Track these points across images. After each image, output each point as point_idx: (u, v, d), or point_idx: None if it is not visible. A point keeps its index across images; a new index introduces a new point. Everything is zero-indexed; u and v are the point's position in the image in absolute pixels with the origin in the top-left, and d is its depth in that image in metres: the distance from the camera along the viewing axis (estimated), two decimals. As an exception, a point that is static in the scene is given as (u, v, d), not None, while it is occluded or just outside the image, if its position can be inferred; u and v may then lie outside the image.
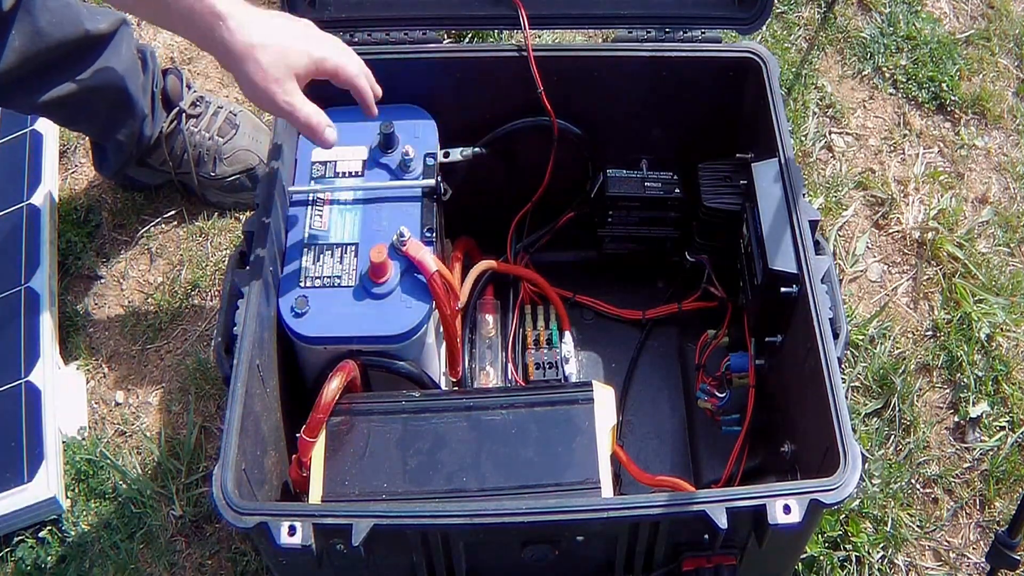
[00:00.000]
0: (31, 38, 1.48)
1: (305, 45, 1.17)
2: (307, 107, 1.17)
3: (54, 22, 1.49)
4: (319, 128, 1.18)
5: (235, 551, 1.49)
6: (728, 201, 1.40)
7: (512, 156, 1.49)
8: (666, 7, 1.41)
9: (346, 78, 1.20)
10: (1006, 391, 1.61)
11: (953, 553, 1.49)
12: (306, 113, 1.17)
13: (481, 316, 1.53)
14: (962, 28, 2.06)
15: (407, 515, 1.03)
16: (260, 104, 1.17)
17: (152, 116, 1.71)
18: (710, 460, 1.46)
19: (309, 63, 1.16)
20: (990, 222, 1.80)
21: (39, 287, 1.67)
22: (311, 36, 1.19)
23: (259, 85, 1.14)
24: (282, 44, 1.14)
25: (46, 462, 1.50)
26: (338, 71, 1.20)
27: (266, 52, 1.13)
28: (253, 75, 1.13)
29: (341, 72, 1.20)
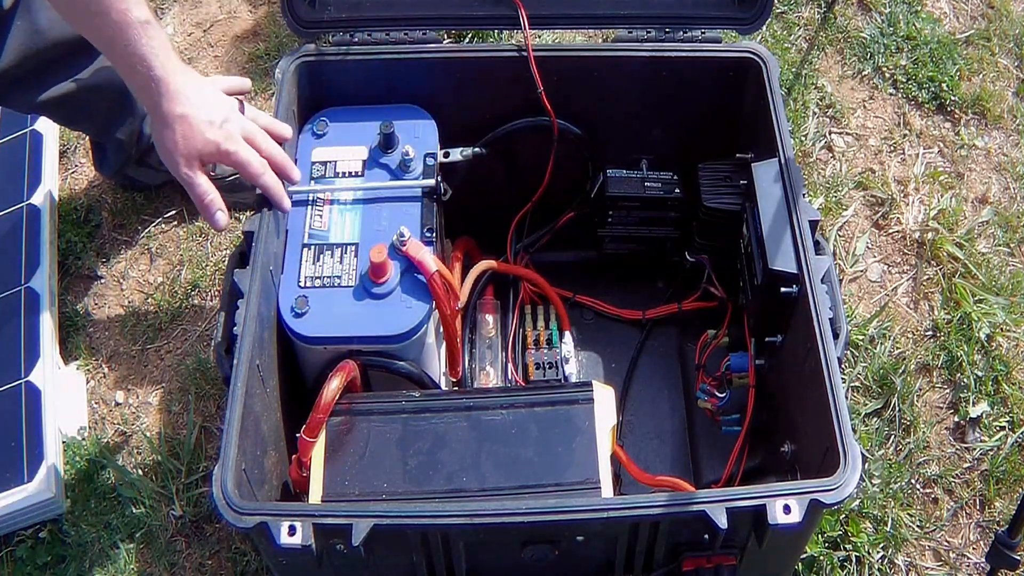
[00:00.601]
0: (30, 37, 1.48)
1: (217, 135, 1.22)
2: (202, 186, 1.24)
3: (54, 20, 1.49)
4: (209, 209, 1.25)
5: (235, 551, 1.49)
6: (728, 201, 1.40)
7: (512, 156, 1.49)
8: (666, 7, 1.41)
9: (248, 176, 1.27)
10: (1006, 391, 1.61)
11: (953, 553, 1.49)
12: (200, 192, 1.24)
13: (481, 316, 1.53)
14: (962, 28, 2.06)
15: (407, 515, 1.03)
16: (166, 164, 1.24)
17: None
18: (710, 460, 1.46)
19: (215, 153, 1.23)
20: (990, 222, 1.80)
21: (39, 287, 1.66)
22: (229, 123, 1.24)
23: (168, 152, 1.22)
24: (199, 126, 1.21)
25: (46, 462, 1.50)
26: (241, 168, 1.26)
27: (183, 127, 1.21)
28: (167, 141, 1.21)
29: (243, 170, 1.26)
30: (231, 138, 1.24)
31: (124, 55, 1.19)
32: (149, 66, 1.19)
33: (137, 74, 1.20)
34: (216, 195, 1.25)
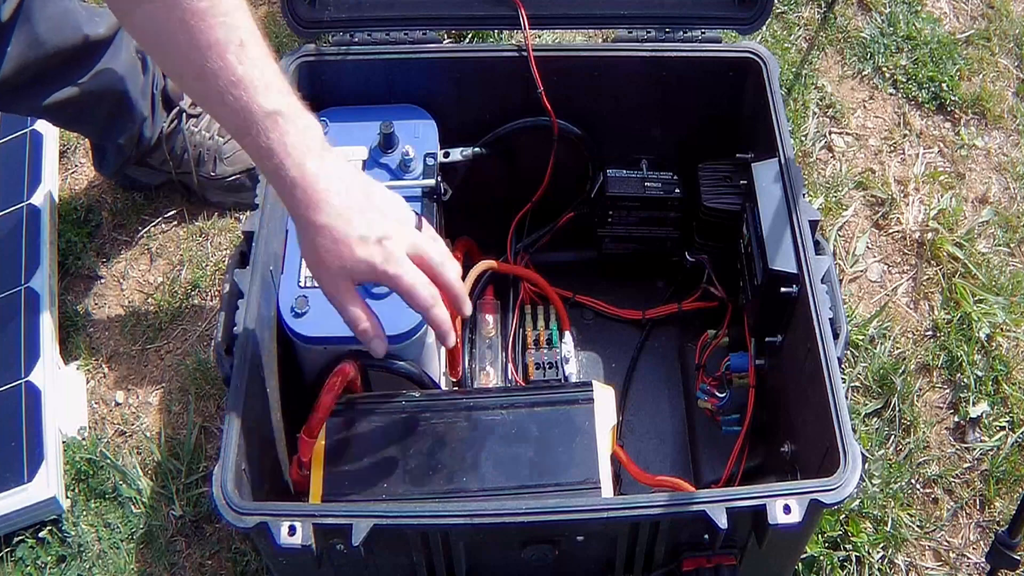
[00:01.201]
0: (29, 46, 1.48)
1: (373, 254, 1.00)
2: (352, 313, 1.04)
3: (53, 29, 1.49)
4: (364, 337, 1.06)
5: (235, 551, 1.49)
6: (728, 201, 1.40)
7: (512, 156, 1.49)
8: (666, 7, 1.41)
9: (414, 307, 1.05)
10: (1006, 391, 1.61)
11: (953, 553, 1.49)
12: (350, 319, 1.05)
13: (481, 316, 1.53)
14: (962, 28, 2.06)
15: (407, 515, 1.03)
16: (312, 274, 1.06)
17: (152, 118, 1.71)
18: (710, 460, 1.46)
19: (369, 273, 1.02)
20: (990, 222, 1.80)
21: (39, 287, 1.66)
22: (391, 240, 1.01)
23: (310, 264, 1.04)
24: (347, 241, 1.00)
25: (46, 462, 1.50)
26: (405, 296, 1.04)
27: (326, 239, 1.00)
28: (306, 252, 1.03)
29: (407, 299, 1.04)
30: (391, 258, 1.01)
31: (251, 146, 0.99)
32: (280, 163, 0.98)
33: (266, 168, 1.00)
34: (371, 323, 1.05)
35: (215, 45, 0.95)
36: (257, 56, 0.97)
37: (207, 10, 0.95)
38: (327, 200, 0.99)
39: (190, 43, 0.95)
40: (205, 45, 0.95)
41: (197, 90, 1.00)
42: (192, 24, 0.95)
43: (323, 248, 1.00)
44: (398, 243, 1.02)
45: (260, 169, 1.02)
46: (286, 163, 0.98)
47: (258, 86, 0.97)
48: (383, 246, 1.01)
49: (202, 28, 0.95)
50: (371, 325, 1.05)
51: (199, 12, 0.95)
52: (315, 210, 0.99)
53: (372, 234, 1.00)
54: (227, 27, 0.96)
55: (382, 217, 1.02)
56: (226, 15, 0.96)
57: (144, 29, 0.99)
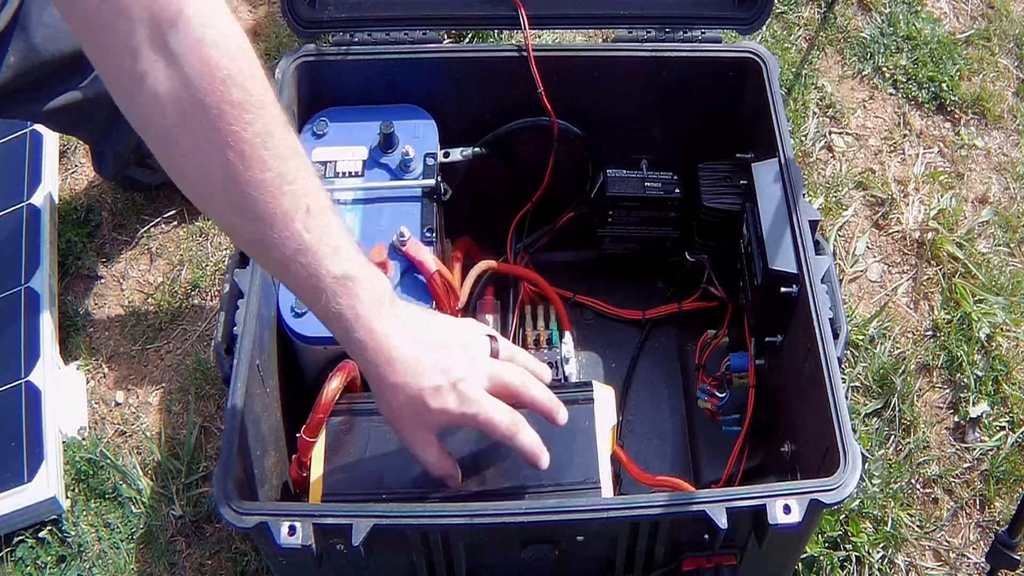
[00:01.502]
0: (26, 55, 1.47)
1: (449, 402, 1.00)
2: (430, 462, 1.05)
3: (50, 36, 1.48)
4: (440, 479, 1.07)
5: (235, 551, 1.49)
6: (728, 201, 1.40)
7: (512, 156, 1.49)
8: (666, 7, 1.41)
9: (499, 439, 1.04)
10: (1006, 391, 1.61)
11: (953, 553, 1.49)
12: (430, 467, 1.05)
13: (481, 316, 1.52)
14: (962, 28, 2.06)
15: (407, 515, 1.03)
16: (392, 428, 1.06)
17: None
18: (710, 460, 1.46)
19: (450, 421, 1.02)
20: (990, 222, 1.80)
21: (39, 287, 1.67)
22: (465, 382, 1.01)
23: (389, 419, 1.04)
24: (422, 395, 0.99)
25: (46, 462, 1.50)
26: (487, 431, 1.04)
27: (402, 397, 0.99)
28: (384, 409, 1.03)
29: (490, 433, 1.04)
30: (467, 400, 1.00)
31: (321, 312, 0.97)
32: (349, 326, 0.96)
33: (336, 330, 0.98)
34: (446, 468, 1.05)
35: (281, 216, 0.91)
36: (324, 221, 0.93)
37: (271, 181, 0.89)
38: (397, 358, 0.98)
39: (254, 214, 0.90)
40: (270, 215, 0.90)
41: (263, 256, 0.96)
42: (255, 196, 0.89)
43: (399, 404, 1.00)
44: (473, 382, 1.01)
45: (329, 329, 0.99)
46: (355, 326, 0.96)
47: (327, 252, 0.93)
48: (457, 389, 1.00)
49: (266, 199, 0.89)
50: (447, 470, 1.06)
51: (264, 183, 0.89)
52: (387, 369, 0.98)
53: (446, 379, 1.00)
54: (293, 196, 0.91)
55: (454, 360, 1.01)
56: (293, 183, 0.91)
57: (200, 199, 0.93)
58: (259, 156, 0.88)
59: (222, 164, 0.88)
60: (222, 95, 0.86)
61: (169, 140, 0.89)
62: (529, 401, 1.06)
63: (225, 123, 0.87)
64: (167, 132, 0.89)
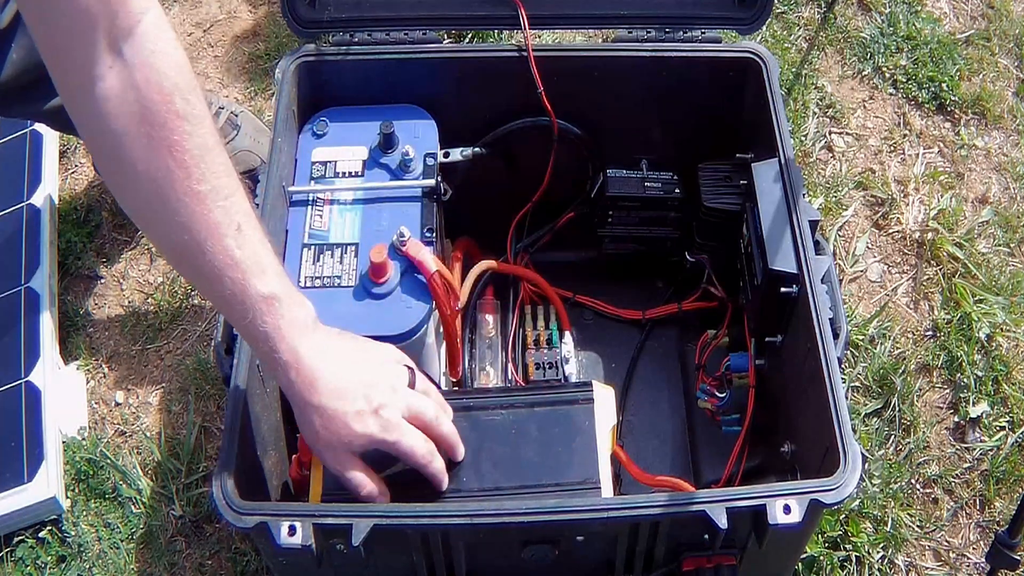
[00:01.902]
0: (29, 52, 1.47)
1: (370, 427, 1.03)
2: (353, 482, 1.06)
3: None
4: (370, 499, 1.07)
5: (235, 551, 1.49)
6: (728, 201, 1.40)
7: (512, 156, 1.49)
8: (666, 7, 1.41)
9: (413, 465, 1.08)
10: (1006, 391, 1.61)
11: (953, 553, 1.49)
12: (353, 487, 1.06)
13: (481, 316, 1.53)
14: (962, 28, 2.06)
15: (407, 515, 1.03)
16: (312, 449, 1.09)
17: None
18: (710, 460, 1.46)
19: (369, 444, 1.04)
20: (990, 222, 1.80)
21: (39, 287, 1.67)
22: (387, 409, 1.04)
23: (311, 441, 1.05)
24: (343, 419, 1.02)
25: (46, 462, 1.50)
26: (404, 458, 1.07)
27: (323, 419, 1.02)
28: (305, 430, 1.05)
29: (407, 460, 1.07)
30: (388, 427, 1.04)
31: (247, 330, 1.01)
32: (274, 347, 1.00)
33: (260, 350, 1.02)
34: (372, 486, 1.06)
35: (215, 229, 0.95)
36: (254, 239, 0.98)
37: (207, 194, 0.94)
38: (321, 379, 1.01)
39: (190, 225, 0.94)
40: (204, 227, 0.95)
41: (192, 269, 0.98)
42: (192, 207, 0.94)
43: (321, 427, 1.02)
44: (393, 409, 1.04)
45: (254, 350, 1.04)
46: (280, 347, 1.00)
47: (255, 270, 0.97)
48: (379, 415, 1.03)
49: (202, 211, 0.94)
50: (373, 488, 1.07)
51: (199, 195, 0.93)
52: (310, 391, 1.01)
53: (368, 407, 1.03)
54: (226, 211, 0.95)
55: (376, 386, 1.04)
56: (227, 199, 0.95)
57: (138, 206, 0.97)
58: (197, 167, 0.93)
59: (164, 172, 0.92)
60: (168, 105, 0.91)
61: (116, 146, 0.92)
62: (438, 435, 1.09)
63: (168, 132, 0.91)
64: (115, 138, 0.92)
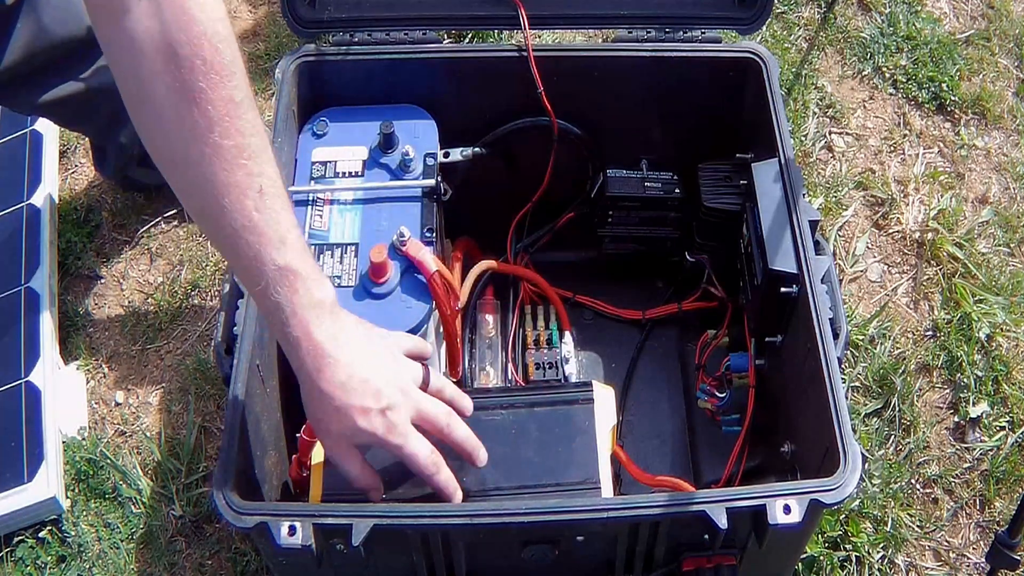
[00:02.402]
0: (34, 35, 1.48)
1: (375, 425, 1.00)
2: (353, 474, 1.04)
3: (58, 19, 1.49)
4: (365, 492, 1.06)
5: (235, 551, 1.49)
6: (728, 201, 1.40)
7: (512, 156, 1.49)
8: (666, 7, 1.41)
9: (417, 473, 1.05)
10: (1006, 391, 1.61)
11: (953, 553, 1.49)
12: (352, 479, 1.04)
13: (481, 316, 1.53)
14: (962, 28, 2.06)
15: (407, 515, 1.03)
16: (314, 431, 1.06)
17: None
18: (710, 460, 1.46)
19: (372, 443, 1.02)
20: (990, 222, 1.80)
21: (39, 287, 1.67)
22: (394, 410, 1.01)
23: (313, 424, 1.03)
24: (349, 412, 0.99)
25: (46, 462, 1.50)
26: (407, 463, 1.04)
27: (328, 407, 0.99)
28: (310, 412, 1.02)
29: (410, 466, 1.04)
30: (394, 429, 1.01)
31: (259, 297, 0.96)
32: (286, 321, 0.96)
33: (272, 322, 0.98)
34: (369, 481, 1.05)
35: (235, 188, 0.92)
36: (276, 207, 0.94)
37: (230, 149, 0.90)
38: (331, 366, 0.98)
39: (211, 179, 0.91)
40: (224, 184, 0.91)
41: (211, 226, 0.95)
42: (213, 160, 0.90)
43: (325, 413, 1.00)
44: (401, 413, 1.01)
45: (266, 321, 1.00)
46: (292, 322, 0.96)
47: (273, 238, 0.94)
48: (386, 416, 1.00)
49: (223, 167, 0.91)
50: (369, 483, 1.05)
51: (222, 149, 0.90)
52: (319, 375, 0.98)
53: (376, 405, 1.00)
54: (248, 172, 0.92)
55: (386, 385, 1.01)
56: (251, 159, 0.92)
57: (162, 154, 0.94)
58: (223, 120, 0.90)
59: (189, 121, 0.89)
60: (195, 49, 0.87)
61: (140, 84, 0.90)
62: (453, 440, 1.07)
63: (195, 78, 0.88)
64: (139, 75, 0.89)
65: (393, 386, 1.02)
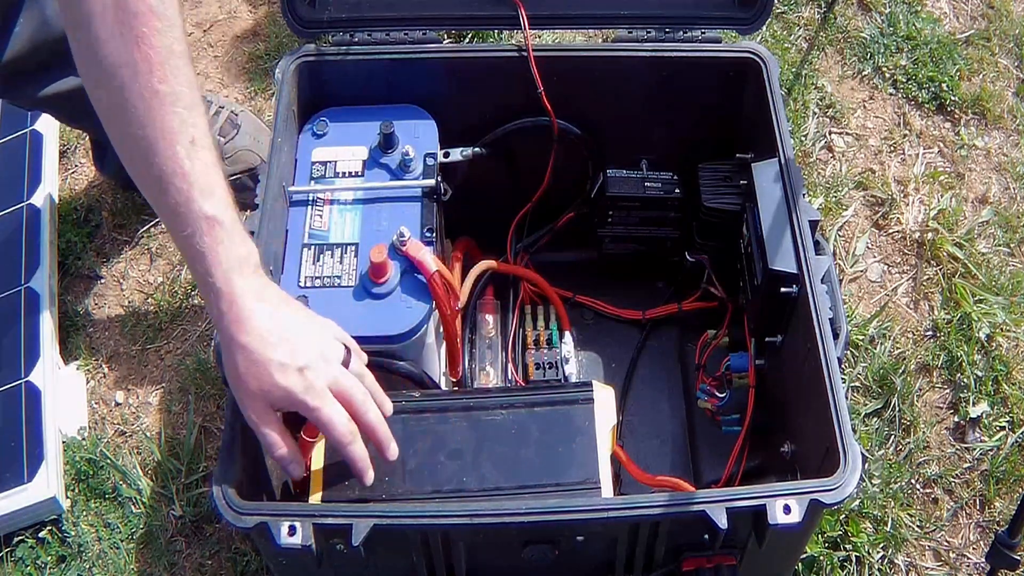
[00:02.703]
0: (38, 28, 1.47)
1: (293, 382, 0.99)
2: (269, 437, 1.02)
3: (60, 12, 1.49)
4: (280, 463, 1.04)
5: (235, 551, 1.49)
6: (728, 201, 1.40)
7: (512, 156, 1.49)
8: (666, 7, 1.41)
9: (332, 441, 1.04)
10: (1006, 391, 1.61)
11: (953, 553, 1.49)
12: (267, 444, 1.02)
13: (481, 316, 1.53)
14: (962, 28, 2.06)
15: (407, 515, 1.03)
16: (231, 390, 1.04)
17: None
18: (710, 460, 1.46)
19: (288, 402, 1.00)
20: (990, 222, 1.80)
21: (39, 287, 1.67)
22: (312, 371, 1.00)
23: (230, 380, 1.01)
24: (267, 365, 0.98)
25: (46, 462, 1.50)
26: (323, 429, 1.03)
27: (246, 360, 0.98)
28: (228, 368, 1.01)
29: (325, 432, 1.03)
30: (311, 390, 1.00)
31: (185, 244, 0.97)
32: (209, 270, 0.96)
33: (196, 271, 0.98)
34: (286, 449, 1.03)
35: (168, 133, 0.94)
36: (207, 160, 0.96)
37: (167, 95, 0.93)
38: (251, 319, 0.98)
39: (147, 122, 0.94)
40: (158, 129, 0.94)
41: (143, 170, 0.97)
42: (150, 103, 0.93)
43: (242, 367, 0.99)
44: (319, 375, 1.01)
45: (190, 270, 1.01)
46: (215, 272, 0.96)
47: (203, 187, 0.95)
48: (303, 376, 1.00)
49: (159, 111, 0.93)
50: (287, 451, 1.03)
51: (159, 94, 0.93)
52: (238, 327, 0.98)
53: (293, 362, 0.99)
54: (182, 120, 0.95)
55: (306, 347, 1.01)
56: (185, 109, 0.95)
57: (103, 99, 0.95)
58: (162, 67, 0.93)
59: (130, 64, 0.92)
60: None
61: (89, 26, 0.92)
62: (365, 423, 1.05)
63: (139, 23, 0.92)
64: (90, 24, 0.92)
65: (314, 349, 1.01)
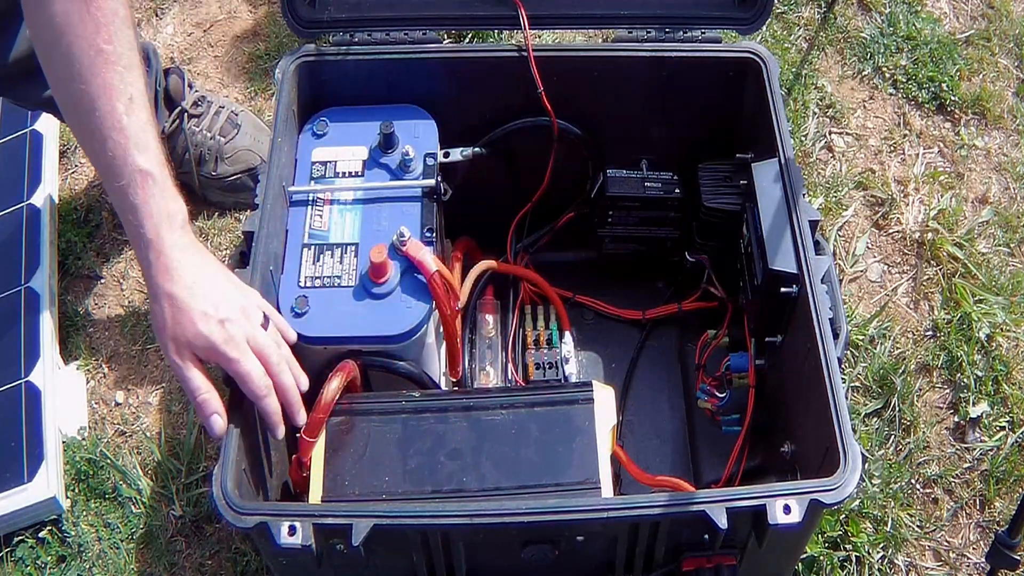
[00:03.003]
0: None
1: (214, 332, 1.04)
2: (192, 382, 1.06)
3: None
4: (201, 410, 1.07)
5: (235, 551, 1.49)
6: (728, 201, 1.40)
7: (512, 156, 1.49)
8: (666, 7, 1.41)
9: (247, 393, 1.08)
10: (1006, 391, 1.61)
11: (953, 553, 1.49)
12: (190, 388, 1.06)
13: (481, 316, 1.53)
14: (962, 28, 2.06)
15: (407, 515, 1.03)
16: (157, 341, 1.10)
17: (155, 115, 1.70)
18: (710, 460, 1.46)
19: (209, 351, 1.05)
20: (990, 222, 1.80)
21: (39, 287, 1.67)
22: (232, 324, 1.05)
23: (156, 329, 1.06)
24: (190, 313, 1.03)
25: (46, 462, 1.50)
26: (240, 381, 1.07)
27: (172, 307, 1.03)
28: (154, 316, 1.06)
29: (243, 384, 1.07)
30: (232, 341, 1.05)
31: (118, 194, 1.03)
32: (140, 222, 1.02)
33: (127, 222, 1.04)
34: (210, 395, 1.06)
35: (109, 88, 1.01)
36: (143, 118, 1.02)
37: (110, 54, 1.00)
38: (178, 270, 1.04)
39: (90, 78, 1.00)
40: (100, 85, 1.00)
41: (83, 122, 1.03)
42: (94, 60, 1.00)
43: (168, 315, 1.04)
44: (239, 328, 1.06)
45: (121, 221, 1.06)
46: (146, 223, 1.03)
47: (139, 143, 1.02)
48: (224, 327, 1.05)
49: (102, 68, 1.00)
50: (211, 397, 1.07)
51: (103, 52, 1.00)
52: (165, 276, 1.04)
53: (216, 313, 1.05)
54: (123, 79, 1.01)
55: (228, 301, 1.06)
56: (125, 69, 1.01)
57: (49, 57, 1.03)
58: (107, 27, 1.00)
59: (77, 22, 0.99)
60: None
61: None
62: (279, 382, 1.10)
63: None
64: None
65: (235, 304, 1.07)
